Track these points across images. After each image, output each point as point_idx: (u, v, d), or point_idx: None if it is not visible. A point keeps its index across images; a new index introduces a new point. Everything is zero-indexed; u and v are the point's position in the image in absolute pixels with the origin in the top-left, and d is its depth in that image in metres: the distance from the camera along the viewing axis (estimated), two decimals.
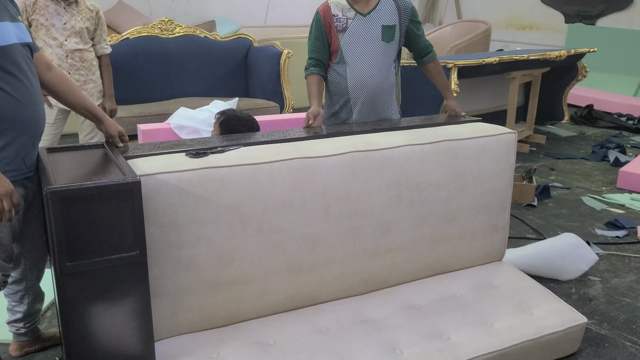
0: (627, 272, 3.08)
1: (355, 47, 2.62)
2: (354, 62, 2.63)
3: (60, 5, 3.27)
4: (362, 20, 2.61)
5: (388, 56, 2.66)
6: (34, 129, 1.89)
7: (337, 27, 2.62)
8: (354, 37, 2.62)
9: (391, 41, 2.64)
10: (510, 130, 2.48)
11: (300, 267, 2.05)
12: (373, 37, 2.62)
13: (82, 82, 3.41)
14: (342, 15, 2.62)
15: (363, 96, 2.66)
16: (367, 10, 2.62)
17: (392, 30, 2.63)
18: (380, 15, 2.62)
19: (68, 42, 3.31)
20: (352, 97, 2.67)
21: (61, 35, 3.29)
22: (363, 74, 2.63)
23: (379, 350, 1.94)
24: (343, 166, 2.07)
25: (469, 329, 2.09)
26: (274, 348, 1.92)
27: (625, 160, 5.12)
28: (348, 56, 2.62)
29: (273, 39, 6.02)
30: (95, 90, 3.49)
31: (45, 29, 3.25)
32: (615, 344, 2.43)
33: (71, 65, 3.35)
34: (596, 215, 3.90)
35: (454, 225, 2.36)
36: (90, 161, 1.89)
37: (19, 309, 2.16)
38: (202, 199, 1.83)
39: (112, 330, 1.67)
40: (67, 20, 3.29)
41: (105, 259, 1.60)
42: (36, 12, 3.23)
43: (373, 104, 2.69)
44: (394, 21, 2.63)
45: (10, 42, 1.80)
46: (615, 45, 7.81)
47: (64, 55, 3.31)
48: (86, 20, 3.36)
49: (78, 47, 3.34)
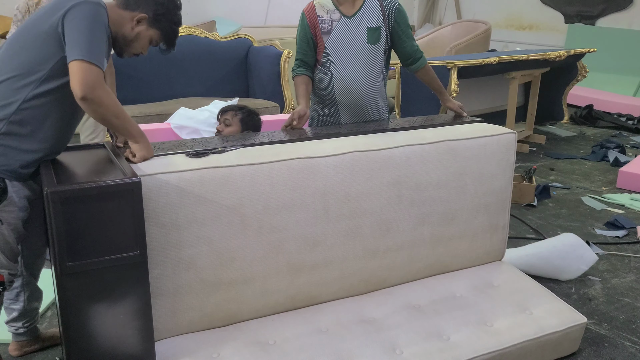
0: (627, 272, 3.09)
1: (340, 51, 2.58)
2: (340, 66, 2.59)
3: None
4: (347, 23, 2.57)
5: (375, 59, 2.62)
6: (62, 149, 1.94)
7: (322, 28, 2.58)
8: (339, 41, 2.57)
9: (377, 43, 2.59)
10: (510, 130, 2.49)
11: (300, 267, 2.06)
12: (358, 40, 2.56)
13: None
14: (327, 16, 2.58)
15: (349, 101, 2.64)
16: (352, 12, 2.57)
17: (377, 32, 2.58)
18: (364, 17, 2.57)
19: None
20: (339, 101, 2.65)
21: None
22: (349, 79, 2.59)
23: (379, 350, 1.95)
24: (343, 166, 2.07)
25: (469, 329, 2.09)
26: (274, 348, 1.92)
27: (625, 160, 5.13)
28: (334, 60, 2.59)
29: (273, 39, 6.02)
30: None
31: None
32: (615, 344, 2.43)
33: None
34: (596, 215, 3.90)
35: (454, 225, 2.36)
36: (91, 161, 1.89)
37: (15, 306, 2.15)
38: (202, 199, 1.83)
39: (113, 330, 1.67)
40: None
41: (105, 259, 1.60)
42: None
43: (360, 108, 2.67)
44: (378, 22, 2.58)
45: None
46: (615, 46, 7.82)
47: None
48: None
49: None
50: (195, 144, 2.10)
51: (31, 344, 2.26)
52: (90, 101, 1.66)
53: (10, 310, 2.17)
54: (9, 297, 2.14)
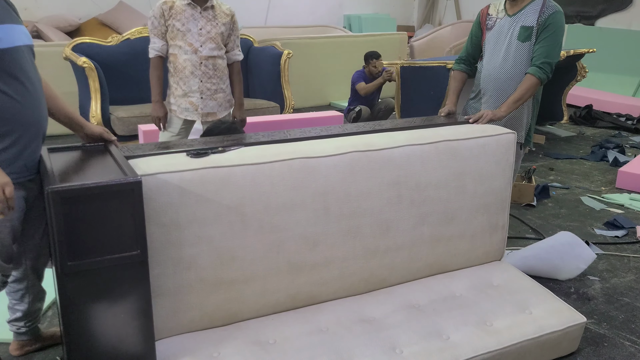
0: (626, 271, 3.09)
1: (494, 45, 2.89)
2: (489, 57, 2.90)
3: (196, 10, 3.10)
4: (507, 20, 2.86)
5: (522, 55, 2.81)
6: (36, 132, 1.89)
7: (487, 25, 2.94)
8: (494, 35, 2.89)
9: (527, 41, 2.79)
10: (510, 131, 2.49)
11: (301, 267, 2.06)
12: (511, 37, 2.83)
13: (213, 92, 3.21)
14: (495, 14, 2.92)
15: (491, 89, 2.90)
16: (515, 11, 2.84)
17: (529, 31, 2.79)
18: (523, 16, 2.81)
19: (203, 49, 3.12)
20: (483, 88, 2.94)
21: (196, 41, 3.11)
22: (493, 70, 2.88)
23: (379, 349, 1.95)
24: (343, 166, 2.07)
25: (469, 329, 2.10)
26: (274, 347, 1.92)
27: (624, 160, 5.13)
28: (486, 52, 2.92)
29: (273, 39, 6.03)
30: (224, 100, 3.28)
31: (182, 34, 3.09)
32: (615, 344, 2.43)
33: (204, 72, 3.15)
34: (595, 215, 3.91)
35: (453, 225, 2.37)
36: (91, 161, 1.89)
37: (20, 307, 2.17)
38: (202, 198, 1.84)
39: (113, 330, 1.68)
40: (202, 25, 3.11)
41: (106, 258, 1.60)
42: (172, 17, 3.09)
43: (500, 97, 2.87)
44: (532, 22, 2.78)
45: (16, 44, 1.81)
46: (615, 46, 7.82)
47: (197, 62, 3.13)
48: (222, 26, 3.17)
49: (213, 53, 3.15)
50: (195, 143, 2.11)
51: (32, 344, 2.26)
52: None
53: (14, 311, 2.18)
54: (14, 298, 2.15)
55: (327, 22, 9.32)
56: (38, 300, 2.21)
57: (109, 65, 4.74)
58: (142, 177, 1.65)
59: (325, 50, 7.22)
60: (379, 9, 10.30)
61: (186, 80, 3.16)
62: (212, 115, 3.25)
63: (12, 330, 2.23)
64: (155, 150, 2.00)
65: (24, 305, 2.16)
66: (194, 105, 3.19)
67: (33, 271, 2.13)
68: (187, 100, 3.19)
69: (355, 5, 10.00)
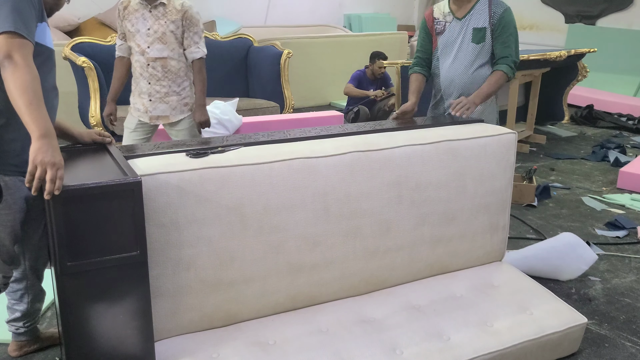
0: (627, 272, 3.08)
1: (449, 49, 2.89)
2: (446, 61, 2.90)
3: (146, 8, 2.98)
4: (457, 24, 2.85)
5: (477, 57, 2.83)
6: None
7: (437, 29, 2.92)
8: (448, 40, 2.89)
9: (481, 42, 2.82)
10: (510, 131, 2.48)
11: (300, 267, 2.05)
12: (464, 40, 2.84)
13: (163, 94, 3.08)
14: (442, 18, 2.91)
15: (454, 91, 2.90)
16: (463, 14, 2.84)
17: (482, 32, 2.81)
18: (473, 18, 2.82)
19: (150, 50, 2.99)
20: (444, 92, 2.95)
21: (144, 42, 2.99)
22: (452, 73, 2.89)
23: (379, 350, 1.94)
24: (343, 166, 2.07)
25: (469, 329, 2.09)
26: (274, 348, 1.92)
27: (626, 160, 5.12)
28: (442, 56, 2.92)
29: (273, 39, 6.03)
30: (179, 103, 3.14)
31: (132, 35, 3.01)
32: (616, 344, 2.43)
33: (151, 75, 3.04)
34: (596, 215, 3.90)
35: (454, 225, 2.36)
36: (90, 161, 1.89)
37: (19, 307, 2.16)
38: (202, 199, 1.83)
39: (112, 330, 1.67)
40: (150, 25, 2.98)
41: (105, 259, 1.60)
42: (125, 17, 3.04)
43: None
44: (484, 24, 2.80)
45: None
46: (616, 46, 7.82)
47: (145, 64, 3.02)
48: (170, 24, 2.99)
49: (162, 54, 3.00)
50: (195, 143, 2.10)
51: (31, 344, 2.25)
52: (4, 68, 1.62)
53: (13, 311, 2.17)
54: (13, 298, 2.15)
55: (327, 22, 9.33)
56: (37, 301, 2.21)
57: (109, 65, 4.70)
58: (141, 177, 1.64)
59: (325, 50, 7.22)
60: (379, 8, 10.30)
61: (137, 81, 3.12)
62: (164, 118, 3.15)
63: (10, 330, 2.22)
64: (154, 150, 1.99)
65: (23, 306, 2.16)
66: (145, 107, 3.13)
67: (32, 271, 2.12)
68: (140, 102, 3.14)
69: (355, 5, 10.00)
